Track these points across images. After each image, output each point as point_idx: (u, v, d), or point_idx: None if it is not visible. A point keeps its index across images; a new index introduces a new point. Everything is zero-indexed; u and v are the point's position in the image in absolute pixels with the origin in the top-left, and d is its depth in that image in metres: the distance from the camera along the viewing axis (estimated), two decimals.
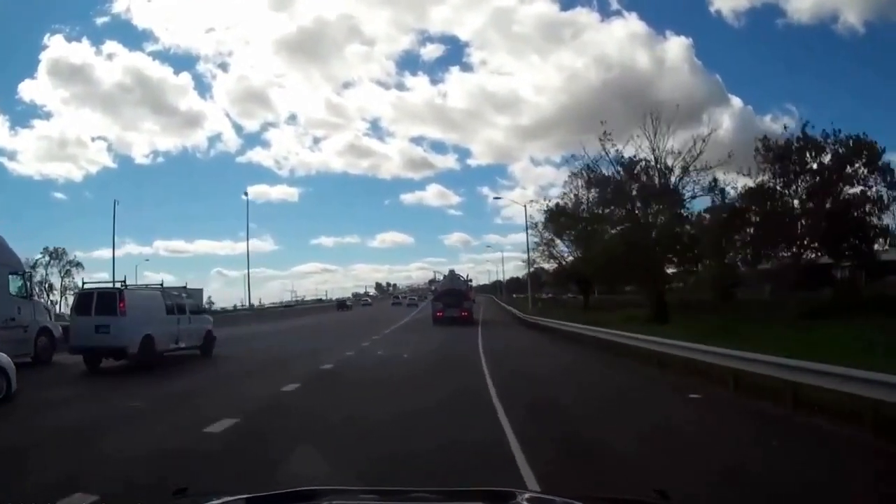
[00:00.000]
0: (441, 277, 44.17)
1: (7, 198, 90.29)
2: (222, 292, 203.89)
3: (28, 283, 17.36)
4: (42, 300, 23.42)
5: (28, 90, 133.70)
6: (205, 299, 58.71)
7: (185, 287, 19.60)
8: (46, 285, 68.98)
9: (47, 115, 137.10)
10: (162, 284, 17.97)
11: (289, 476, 5.38)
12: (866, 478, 5.60)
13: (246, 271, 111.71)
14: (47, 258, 70.50)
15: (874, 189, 27.90)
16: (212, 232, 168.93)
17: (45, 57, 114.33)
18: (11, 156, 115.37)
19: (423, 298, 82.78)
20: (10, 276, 16.19)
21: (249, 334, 28.81)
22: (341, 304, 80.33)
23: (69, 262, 71.87)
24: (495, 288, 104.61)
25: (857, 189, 28.23)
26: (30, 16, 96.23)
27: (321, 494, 1.99)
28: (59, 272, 71.78)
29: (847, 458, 6.31)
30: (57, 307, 65.25)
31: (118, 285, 16.28)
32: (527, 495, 1.99)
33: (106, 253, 75.27)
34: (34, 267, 67.45)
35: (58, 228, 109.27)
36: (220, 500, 1.97)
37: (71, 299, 66.98)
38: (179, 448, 6.86)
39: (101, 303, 15.30)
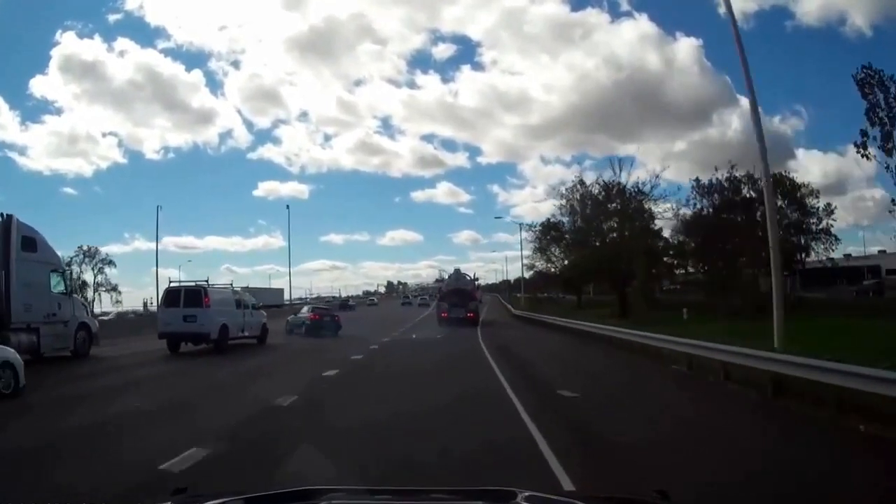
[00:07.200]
0: (446, 276, 43.44)
1: (17, 193, 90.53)
2: None
3: (68, 281, 17.93)
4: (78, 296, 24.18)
5: (39, 86, 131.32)
6: None
7: (248, 287, 23.27)
8: (80, 282, 73.79)
9: (58, 111, 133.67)
10: (232, 284, 21.77)
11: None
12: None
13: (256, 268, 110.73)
14: (81, 256, 74.04)
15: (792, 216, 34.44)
16: (221, 228, 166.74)
17: (56, 53, 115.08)
18: (22, 151, 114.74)
19: (434, 298, 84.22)
20: (50, 274, 16.79)
21: None
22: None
23: (101, 259, 75.59)
24: (501, 287, 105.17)
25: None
26: (42, 13, 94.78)
27: (320, 494, 2.03)
28: (93, 269, 75.37)
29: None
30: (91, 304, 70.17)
31: (202, 284, 19.89)
32: (526, 494, 1.98)
33: (115, 248, 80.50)
34: (69, 265, 72.57)
35: (67, 223, 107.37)
36: (219, 501, 1.99)
37: (104, 296, 69.50)
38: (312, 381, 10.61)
39: (188, 297, 18.97)
